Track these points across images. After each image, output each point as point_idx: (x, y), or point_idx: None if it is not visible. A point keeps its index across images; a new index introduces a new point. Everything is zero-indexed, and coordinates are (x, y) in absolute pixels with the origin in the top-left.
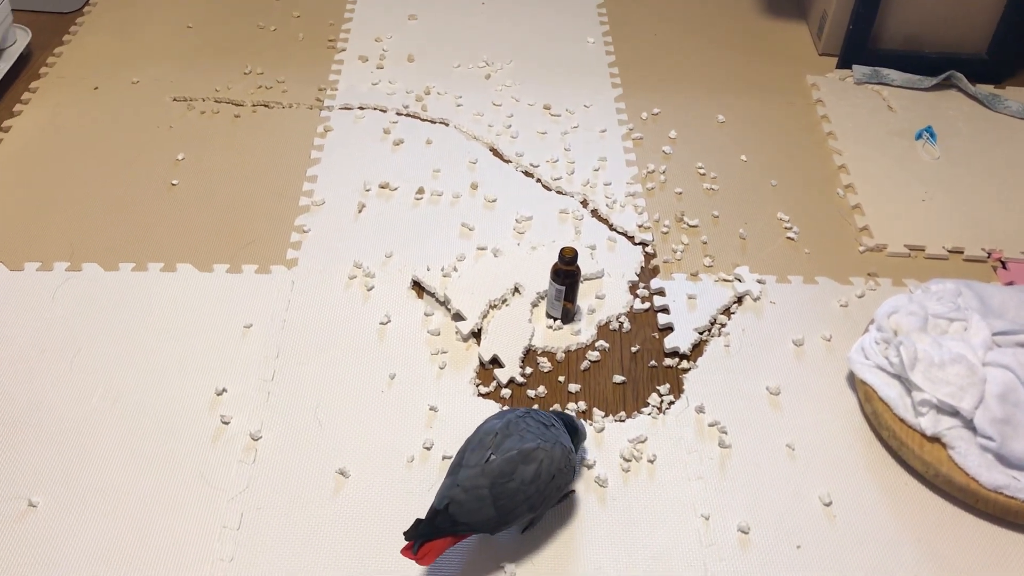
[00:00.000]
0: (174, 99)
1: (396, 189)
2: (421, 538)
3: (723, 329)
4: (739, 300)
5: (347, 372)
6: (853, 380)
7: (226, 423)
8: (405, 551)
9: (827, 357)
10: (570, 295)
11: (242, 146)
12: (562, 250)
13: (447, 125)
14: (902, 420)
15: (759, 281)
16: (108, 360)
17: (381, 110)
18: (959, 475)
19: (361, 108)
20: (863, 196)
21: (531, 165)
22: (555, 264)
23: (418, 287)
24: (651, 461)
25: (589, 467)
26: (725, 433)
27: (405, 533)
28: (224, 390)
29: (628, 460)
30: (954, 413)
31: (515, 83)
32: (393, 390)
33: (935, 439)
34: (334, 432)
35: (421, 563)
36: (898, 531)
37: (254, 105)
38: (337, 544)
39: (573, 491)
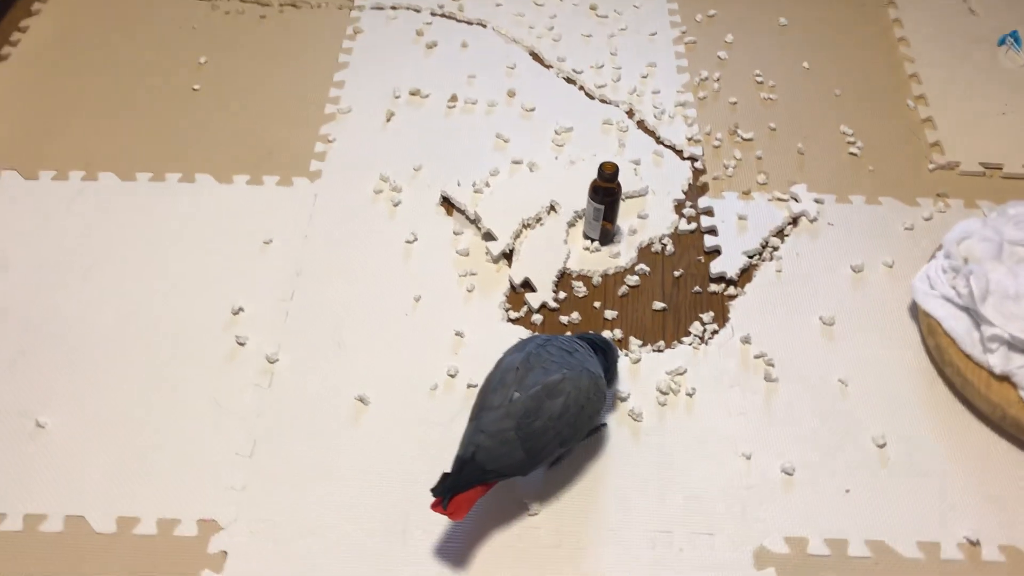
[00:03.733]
0: None
1: (427, 96)
2: (449, 492)
3: (775, 253)
4: (794, 221)
5: (370, 293)
6: (916, 311)
7: (242, 344)
8: (435, 506)
9: (889, 286)
10: (609, 214)
11: (267, 49)
12: (601, 165)
13: (484, 27)
14: (968, 356)
15: (817, 201)
16: (123, 274)
17: (415, 10)
18: None
19: (393, 8)
20: (935, 108)
21: (574, 71)
22: (594, 181)
23: (447, 203)
24: (690, 395)
25: (623, 399)
26: (772, 366)
27: (432, 490)
28: (241, 309)
29: (665, 393)
30: None
31: None
32: (418, 313)
33: (1004, 378)
34: (354, 356)
35: (453, 518)
36: (958, 477)
37: (281, 5)
38: (353, 476)
39: (604, 424)
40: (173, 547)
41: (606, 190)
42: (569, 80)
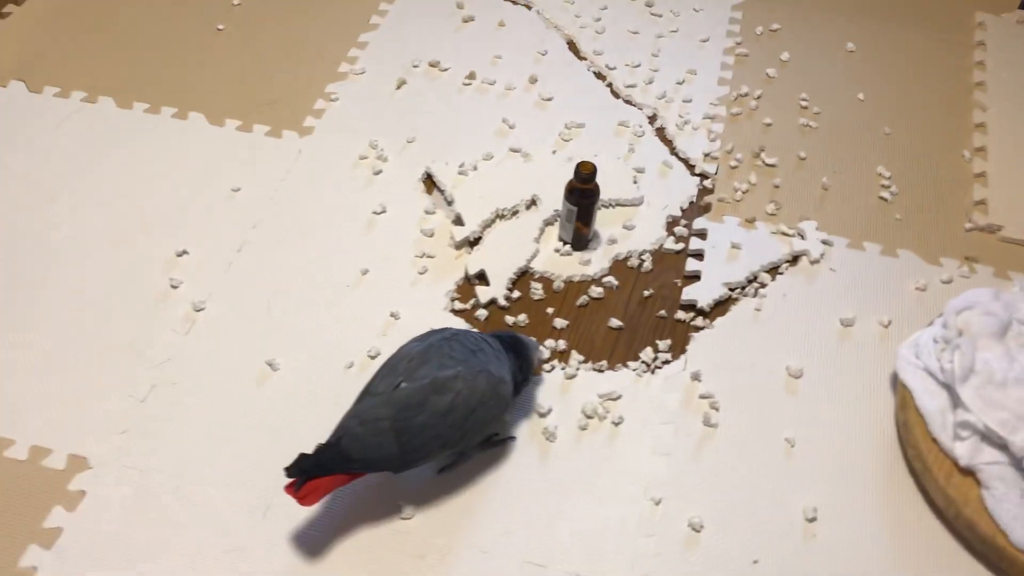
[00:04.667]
0: None
1: (446, 70)
2: (304, 474)
3: (760, 290)
4: (793, 260)
5: (320, 258)
6: (897, 381)
7: (174, 287)
8: (288, 488)
9: (877, 346)
10: (584, 217)
11: (302, 1)
12: (578, 165)
13: (529, 8)
14: (935, 440)
15: (824, 242)
16: (88, 198)
17: None
18: (985, 523)
19: None
20: (993, 164)
21: (607, 67)
22: (570, 181)
23: (430, 181)
24: (616, 423)
25: (542, 415)
26: (716, 409)
27: (286, 469)
28: (185, 252)
29: (590, 417)
30: (1002, 446)
31: None
32: (361, 287)
33: (968, 472)
34: (281, 320)
35: (302, 503)
36: (887, 569)
37: None
38: (236, 440)
39: (512, 438)
40: (36, 478)
41: (582, 191)
42: (599, 75)
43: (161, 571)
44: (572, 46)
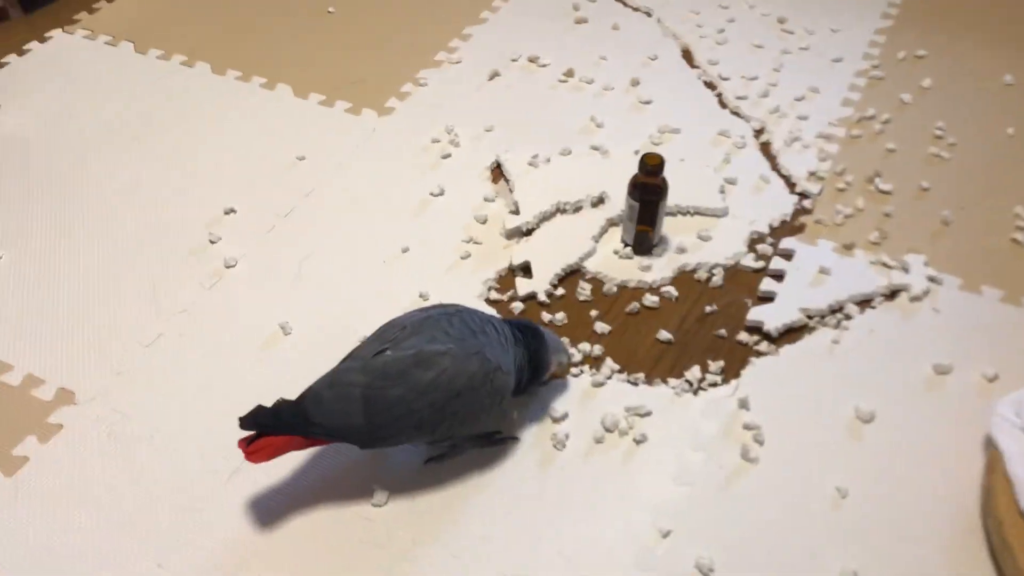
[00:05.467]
0: None
1: (545, 66)
2: (259, 428)
3: (844, 322)
4: (891, 295)
5: (364, 231)
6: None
7: (212, 242)
8: (241, 442)
9: (974, 401)
10: (647, 217)
11: None
12: (643, 156)
13: (649, 15)
14: (1021, 513)
15: (932, 279)
16: (155, 152)
17: None
18: None
19: None
20: None
21: (719, 76)
22: (634, 175)
23: (498, 171)
24: (638, 441)
25: (555, 420)
26: (759, 443)
27: (241, 420)
28: (233, 210)
29: (610, 430)
30: None
31: None
32: (396, 264)
33: None
34: (307, 286)
35: (249, 459)
36: None
37: None
38: (225, 398)
39: (516, 438)
40: (22, 405)
41: (645, 186)
42: (709, 85)
43: (105, 521)
44: (687, 54)
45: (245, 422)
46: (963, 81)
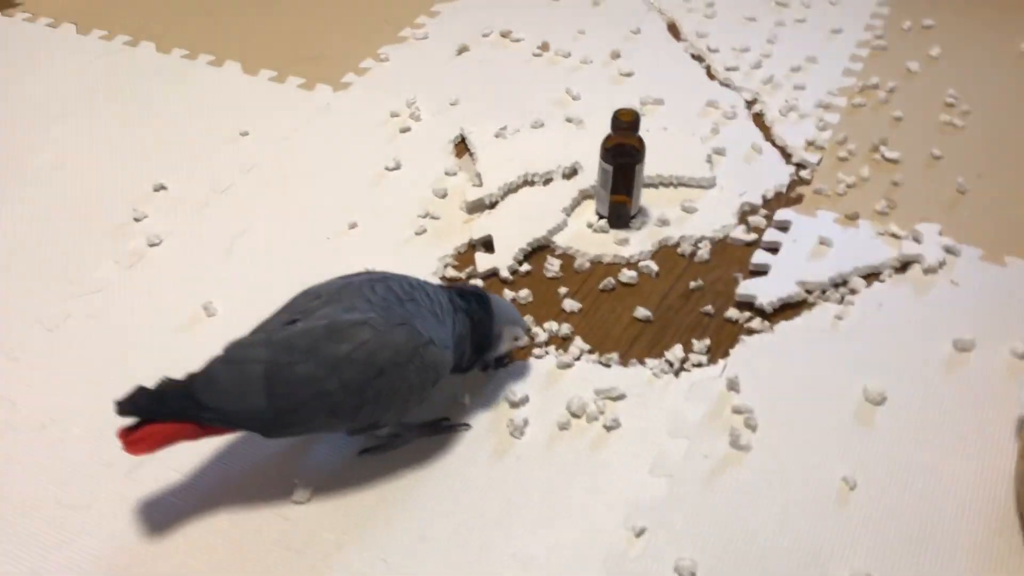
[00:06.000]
0: None
1: (519, 41)
2: (139, 414)
3: (849, 296)
4: (903, 267)
5: (308, 207)
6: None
7: (137, 220)
8: (121, 430)
9: (1003, 380)
10: (623, 184)
11: None
12: (616, 112)
13: None
14: None
15: (948, 250)
16: (86, 130)
17: None
18: None
19: None
20: None
21: (708, 48)
22: (607, 135)
23: (463, 146)
24: (609, 428)
25: (513, 404)
26: (751, 429)
27: (117, 404)
28: (163, 187)
29: (577, 415)
30: None
31: None
32: (342, 240)
33: None
34: (238, 265)
35: (129, 450)
36: None
37: None
38: (145, 382)
39: (467, 425)
40: None
41: (619, 148)
42: (696, 57)
43: None
44: (672, 28)
45: (123, 407)
46: (975, 50)
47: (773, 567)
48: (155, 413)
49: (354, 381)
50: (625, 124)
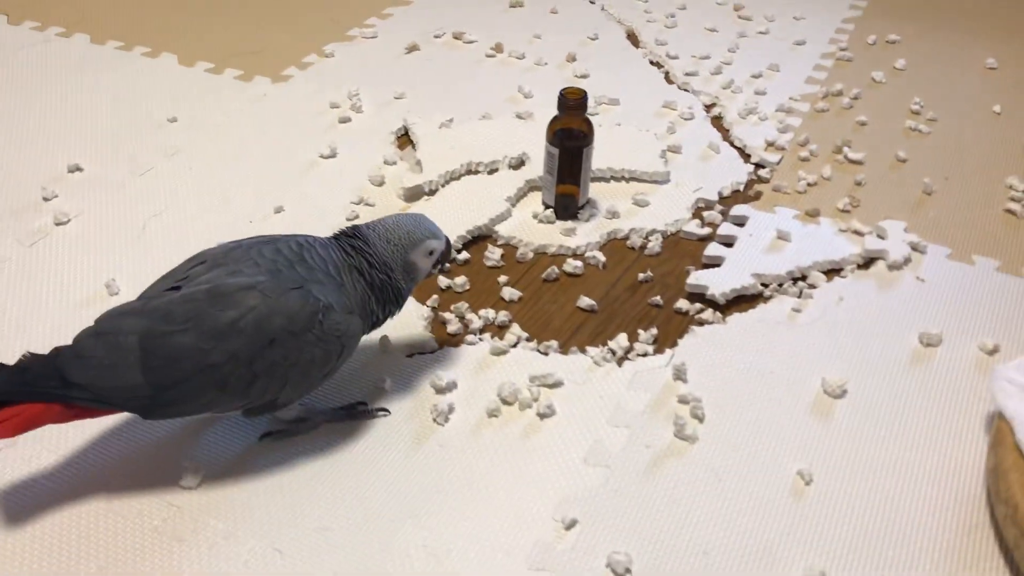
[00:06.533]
0: None
1: (472, 43)
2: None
3: (808, 291)
4: (866, 264)
5: (233, 191)
6: (994, 421)
7: (46, 199)
8: None
9: (970, 375)
10: (570, 170)
11: None
12: (563, 91)
13: (593, 2)
14: None
15: (914, 246)
16: (3, 113)
17: None
18: None
19: None
20: None
21: (667, 55)
22: (553, 118)
23: (406, 138)
24: (543, 415)
25: (438, 390)
26: (698, 419)
27: None
28: (79, 168)
29: (508, 402)
30: None
31: None
32: (264, 224)
33: None
34: (149, 245)
35: None
36: None
37: None
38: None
39: (385, 411)
40: None
41: (565, 131)
42: (655, 64)
43: None
44: (632, 37)
45: None
46: (942, 63)
47: (717, 563)
48: (15, 393)
49: (242, 352)
50: (572, 102)
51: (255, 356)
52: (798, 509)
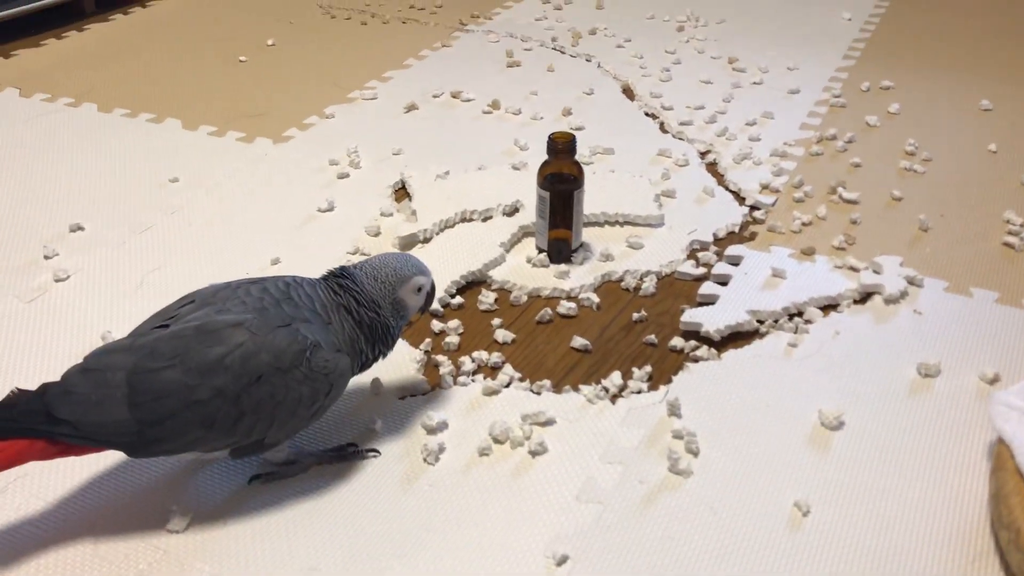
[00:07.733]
0: (319, 5)
1: (469, 101)
2: None
3: (804, 326)
4: (863, 299)
5: (232, 245)
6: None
7: (47, 257)
8: None
9: (971, 406)
10: (562, 213)
11: (343, 45)
12: (551, 135)
13: (589, 60)
14: None
15: (910, 280)
16: (12, 178)
17: (522, 39)
18: None
19: (494, 34)
20: None
21: (662, 107)
22: (543, 163)
23: (403, 191)
24: (535, 453)
25: (429, 430)
26: (692, 453)
27: None
28: (80, 227)
29: (500, 441)
30: None
31: (711, 39)
32: (260, 275)
33: None
34: (148, 298)
35: None
36: None
37: (394, 18)
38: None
39: (375, 452)
40: None
41: (556, 176)
42: (650, 115)
43: None
44: (627, 91)
45: None
46: (936, 106)
47: None
48: (1, 429)
49: (229, 388)
50: (560, 146)
51: (241, 393)
52: (795, 540)
